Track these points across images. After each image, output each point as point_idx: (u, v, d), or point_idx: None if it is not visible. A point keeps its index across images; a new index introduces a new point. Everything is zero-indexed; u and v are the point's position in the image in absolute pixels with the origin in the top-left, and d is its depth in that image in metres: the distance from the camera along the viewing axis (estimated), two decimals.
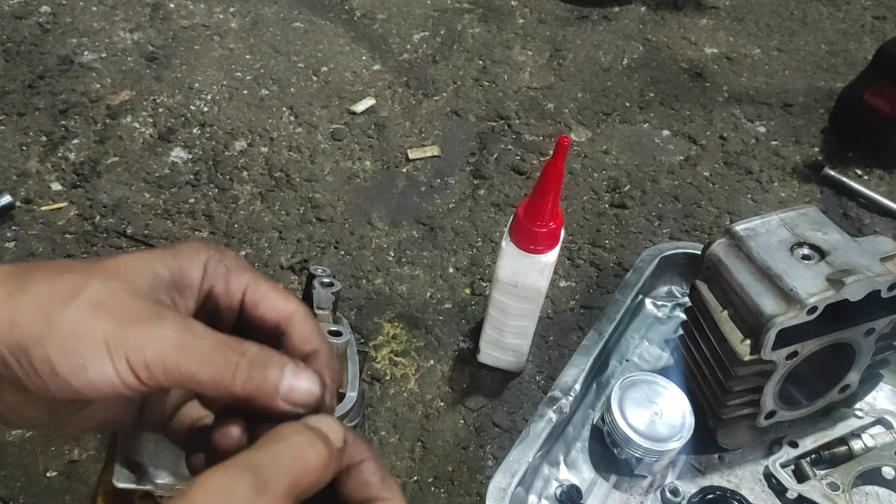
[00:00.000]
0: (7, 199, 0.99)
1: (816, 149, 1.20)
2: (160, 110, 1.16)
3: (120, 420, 0.41)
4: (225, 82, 1.21)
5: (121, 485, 0.60)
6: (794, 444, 0.80)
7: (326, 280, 0.66)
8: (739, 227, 0.74)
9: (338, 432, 0.35)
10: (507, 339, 0.84)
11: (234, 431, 0.38)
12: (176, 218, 1.02)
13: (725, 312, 0.73)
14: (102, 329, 0.34)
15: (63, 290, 0.35)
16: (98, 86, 1.18)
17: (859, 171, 1.17)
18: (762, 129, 1.22)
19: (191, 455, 0.39)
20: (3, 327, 0.33)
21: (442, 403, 0.87)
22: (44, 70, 1.19)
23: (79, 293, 0.34)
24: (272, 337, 0.40)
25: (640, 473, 0.78)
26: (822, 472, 0.78)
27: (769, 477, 0.79)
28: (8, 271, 0.35)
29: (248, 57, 1.26)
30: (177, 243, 0.40)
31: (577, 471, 0.79)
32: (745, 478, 0.80)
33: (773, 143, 1.20)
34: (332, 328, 0.59)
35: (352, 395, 0.68)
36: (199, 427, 0.42)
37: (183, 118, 1.15)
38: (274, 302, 0.40)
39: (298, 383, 0.36)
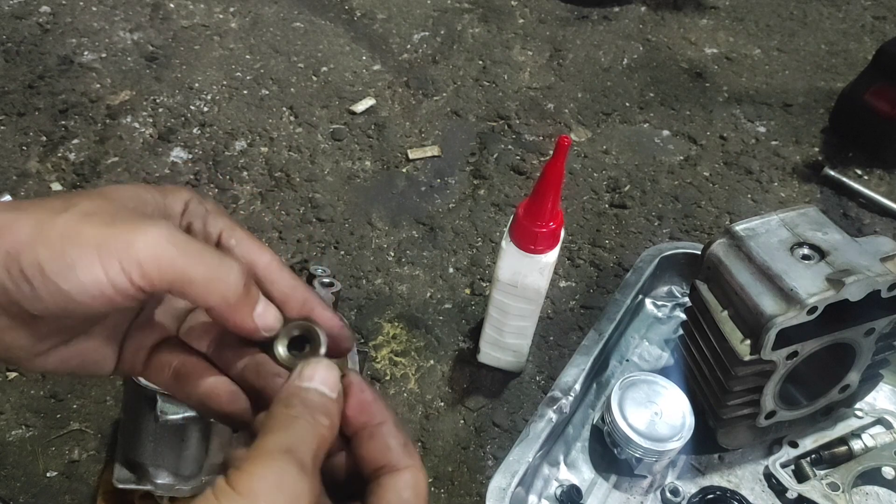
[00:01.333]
0: (7, 199, 0.99)
1: (816, 149, 1.20)
2: (160, 110, 1.16)
3: (99, 361, 0.41)
4: (225, 82, 1.21)
5: (121, 485, 0.60)
6: (794, 444, 0.80)
7: (326, 280, 0.66)
8: (739, 227, 0.74)
9: (332, 381, 0.36)
10: (507, 339, 0.84)
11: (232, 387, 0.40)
12: None
13: (725, 312, 0.73)
14: (93, 233, 0.34)
15: (53, 205, 0.35)
16: (98, 86, 1.18)
17: (859, 171, 1.17)
18: (762, 129, 1.22)
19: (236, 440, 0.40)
20: None
21: (442, 403, 0.87)
22: (44, 70, 1.19)
23: (69, 207, 0.35)
24: None
25: (640, 473, 0.78)
26: (822, 472, 0.78)
27: (769, 477, 0.79)
28: None
29: (248, 57, 1.26)
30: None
31: (577, 471, 0.79)
32: (745, 478, 0.80)
33: (773, 143, 1.20)
34: None
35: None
36: (184, 372, 0.42)
37: (183, 118, 1.15)
38: (250, 247, 0.41)
39: (270, 311, 0.38)
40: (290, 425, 0.34)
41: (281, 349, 0.39)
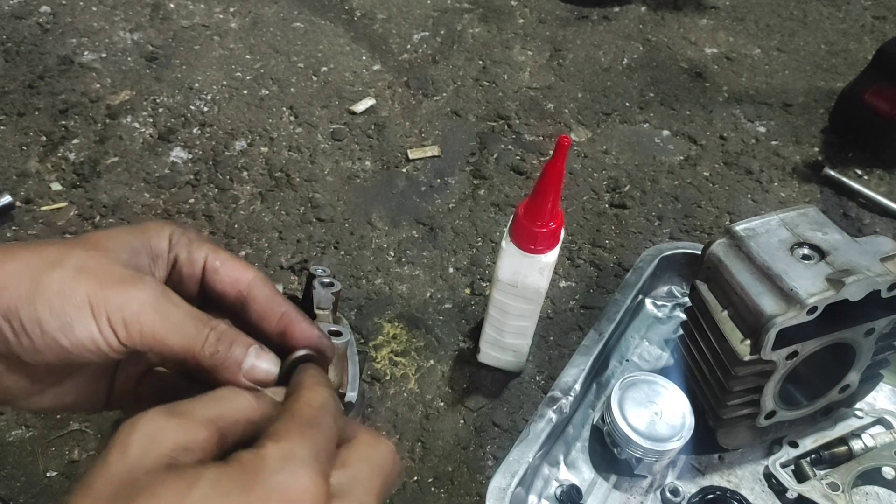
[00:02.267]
0: (7, 199, 0.99)
1: (816, 149, 1.20)
2: (160, 110, 1.16)
3: (92, 397, 0.43)
4: (225, 82, 1.21)
5: None
6: (794, 444, 0.80)
7: (326, 280, 0.66)
8: (739, 227, 0.74)
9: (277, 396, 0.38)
10: (507, 339, 0.84)
11: None
12: (176, 218, 1.02)
13: (725, 312, 0.73)
14: (86, 290, 0.36)
15: (48, 258, 0.37)
16: (98, 86, 1.18)
17: (859, 171, 1.17)
18: (762, 129, 1.22)
19: None
20: None
21: (442, 403, 0.87)
22: (44, 70, 1.19)
23: (63, 260, 0.37)
24: (235, 306, 0.43)
25: (640, 473, 0.78)
26: (822, 472, 0.78)
27: (769, 477, 0.79)
28: None
29: (248, 57, 1.26)
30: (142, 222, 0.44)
31: (577, 471, 0.79)
32: (745, 478, 0.80)
33: (773, 143, 1.20)
34: (332, 328, 0.59)
35: (352, 395, 0.68)
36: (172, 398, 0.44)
37: (183, 118, 1.15)
38: (233, 267, 0.43)
39: (260, 363, 0.39)
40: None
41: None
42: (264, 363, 0.39)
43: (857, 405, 0.82)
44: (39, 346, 0.36)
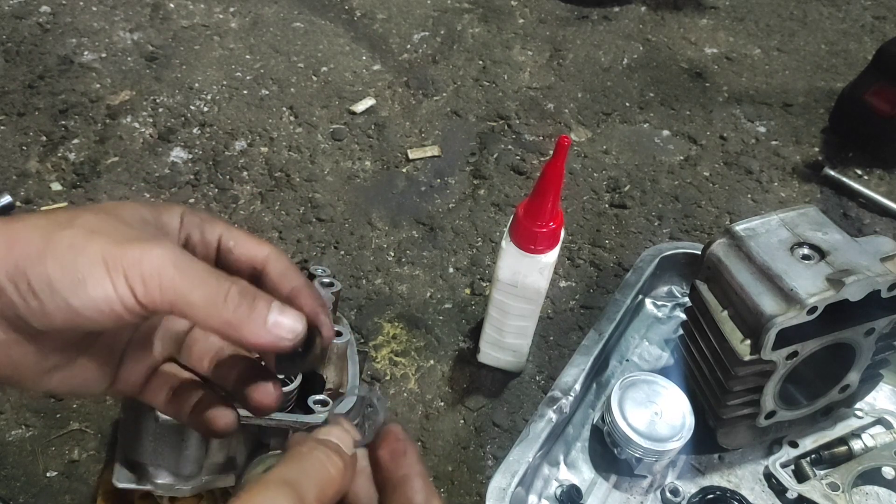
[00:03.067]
0: (7, 199, 0.99)
1: (816, 149, 1.20)
2: (160, 110, 1.16)
3: (98, 379, 0.42)
4: (225, 82, 1.21)
5: (121, 485, 0.60)
6: (794, 444, 0.80)
7: (326, 280, 0.66)
8: (739, 227, 0.74)
9: (347, 440, 0.36)
10: (507, 339, 0.84)
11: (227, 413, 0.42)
12: None
13: (725, 312, 0.73)
14: (100, 247, 0.35)
15: (58, 219, 0.36)
16: (98, 86, 1.18)
17: (859, 171, 1.17)
18: (762, 129, 1.22)
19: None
20: (1, 250, 0.34)
21: (442, 403, 0.87)
22: (44, 70, 1.19)
23: (74, 221, 0.36)
24: (251, 281, 0.41)
25: (640, 473, 0.78)
26: (822, 472, 0.78)
27: (769, 477, 0.79)
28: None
29: (248, 57, 1.26)
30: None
31: (577, 471, 0.79)
32: (745, 478, 0.80)
33: (773, 143, 1.20)
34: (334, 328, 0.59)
35: (352, 396, 0.68)
36: (182, 394, 0.43)
37: (183, 118, 1.15)
38: (248, 245, 0.42)
39: (284, 319, 0.37)
40: (296, 461, 0.34)
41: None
42: (289, 319, 0.37)
43: (857, 405, 0.82)
44: (49, 308, 0.34)
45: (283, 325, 0.37)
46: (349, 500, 0.37)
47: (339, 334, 0.59)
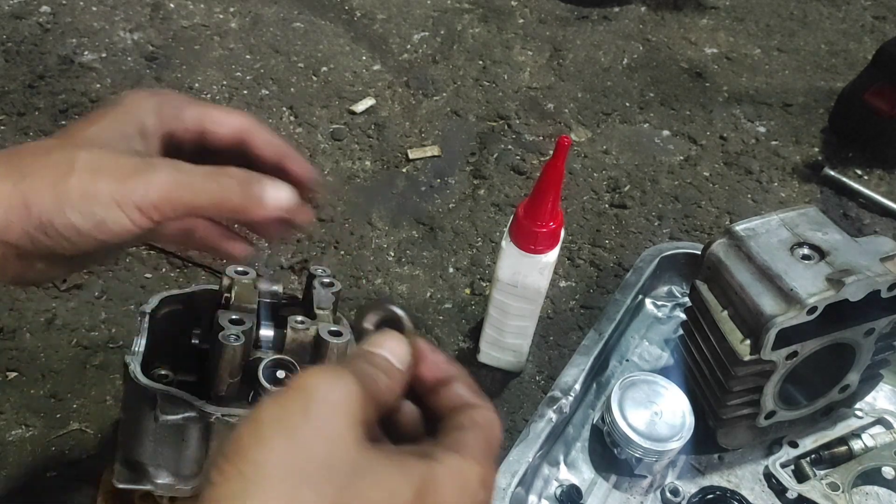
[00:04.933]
0: None
1: (816, 149, 1.20)
2: None
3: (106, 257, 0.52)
4: (225, 82, 1.21)
5: (121, 485, 0.60)
6: (794, 444, 0.80)
7: (326, 280, 0.66)
8: (739, 227, 0.74)
9: (401, 352, 0.38)
10: (507, 339, 0.84)
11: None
12: None
13: (725, 312, 0.73)
14: (108, 190, 0.40)
15: (59, 166, 0.40)
16: (98, 86, 1.18)
17: (859, 171, 1.17)
18: (762, 129, 1.22)
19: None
20: (21, 211, 0.39)
21: None
22: (44, 70, 1.19)
23: (74, 164, 0.40)
24: (235, 152, 0.48)
25: (640, 473, 0.78)
26: (822, 472, 0.78)
27: (769, 477, 0.79)
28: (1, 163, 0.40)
29: (248, 57, 1.26)
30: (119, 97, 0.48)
31: (577, 471, 0.79)
32: (745, 478, 0.80)
33: (773, 143, 1.20)
34: (332, 328, 0.59)
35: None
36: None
37: None
38: (227, 122, 0.48)
39: (279, 192, 0.44)
40: (352, 368, 0.35)
41: (368, 325, 0.42)
42: (283, 191, 0.44)
43: (857, 405, 0.82)
44: (79, 245, 0.40)
45: (281, 197, 0.44)
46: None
47: (338, 334, 0.59)
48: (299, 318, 0.59)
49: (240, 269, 0.61)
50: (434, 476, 0.33)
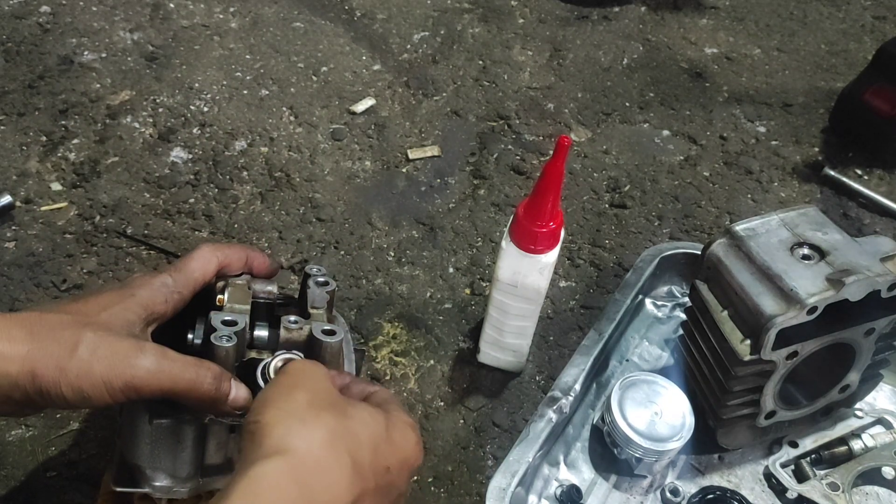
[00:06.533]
0: (7, 199, 0.99)
1: (816, 149, 1.20)
2: (160, 110, 1.16)
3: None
4: (225, 82, 1.21)
5: (118, 488, 0.60)
6: (794, 444, 0.80)
7: (321, 279, 0.66)
8: (739, 227, 0.74)
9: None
10: (507, 339, 0.84)
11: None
12: (176, 218, 1.02)
13: (725, 312, 0.73)
14: (100, 374, 0.50)
15: (66, 344, 0.50)
16: (98, 86, 1.18)
17: (859, 171, 1.17)
18: (762, 129, 1.22)
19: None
20: (28, 377, 0.49)
21: (442, 403, 0.87)
22: (44, 70, 1.19)
23: (78, 344, 0.50)
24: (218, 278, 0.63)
25: (640, 473, 0.78)
26: (822, 472, 0.78)
27: (769, 477, 0.79)
28: (21, 326, 0.50)
29: (248, 57, 1.26)
30: (181, 256, 0.63)
31: (577, 471, 0.79)
32: (745, 478, 0.80)
33: (773, 143, 1.20)
34: (326, 327, 0.59)
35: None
36: None
37: (183, 118, 1.15)
38: (215, 272, 0.63)
39: (240, 393, 0.55)
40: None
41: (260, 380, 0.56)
42: (242, 392, 0.56)
43: (857, 405, 0.82)
44: (64, 408, 0.55)
45: (240, 399, 0.55)
46: None
47: (332, 333, 0.59)
48: (293, 317, 0.60)
49: None
50: (391, 418, 0.53)
